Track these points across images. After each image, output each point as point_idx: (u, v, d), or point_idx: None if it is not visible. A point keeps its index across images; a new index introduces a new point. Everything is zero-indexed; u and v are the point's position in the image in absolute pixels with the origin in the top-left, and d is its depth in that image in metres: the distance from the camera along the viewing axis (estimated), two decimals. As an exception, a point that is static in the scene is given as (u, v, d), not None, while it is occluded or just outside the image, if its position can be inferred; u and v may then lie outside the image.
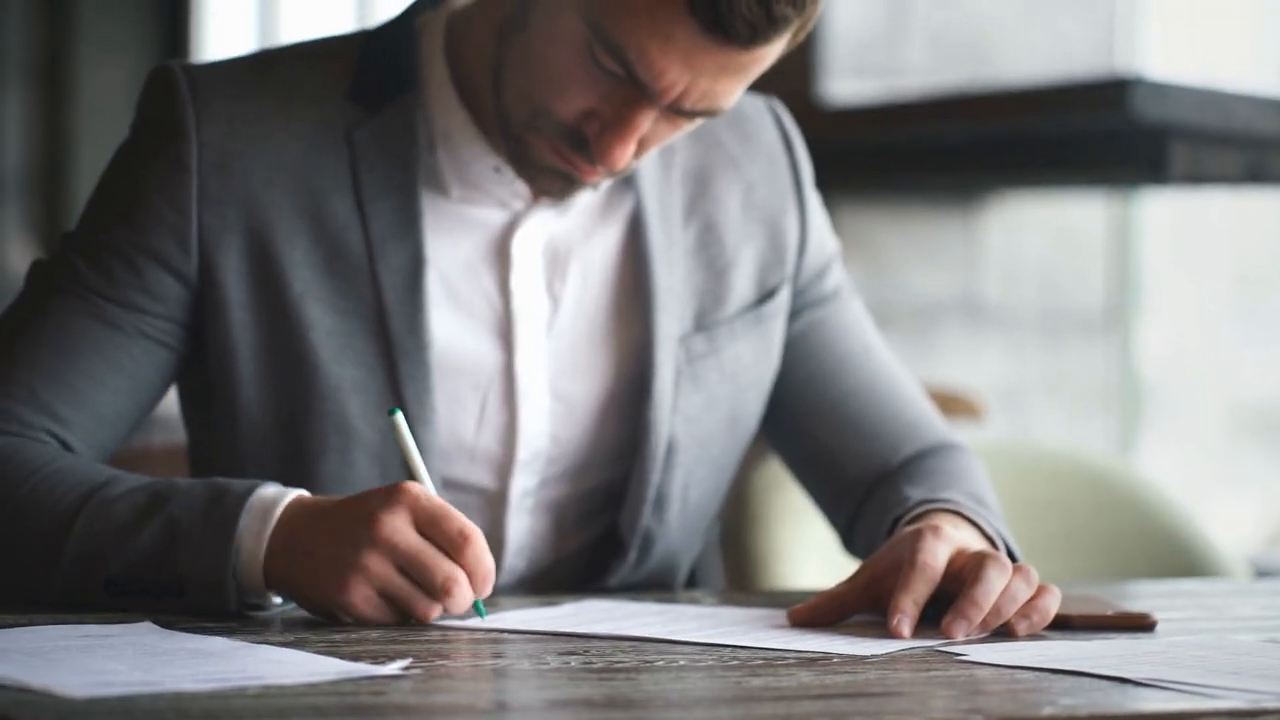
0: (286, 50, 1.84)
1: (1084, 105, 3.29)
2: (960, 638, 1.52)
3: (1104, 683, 1.34)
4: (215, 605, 1.57)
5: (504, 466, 1.80)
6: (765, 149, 1.92)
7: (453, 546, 1.51)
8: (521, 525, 1.82)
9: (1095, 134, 3.43)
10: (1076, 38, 4.11)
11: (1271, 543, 4.62)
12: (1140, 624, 1.62)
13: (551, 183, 1.73)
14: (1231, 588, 2.17)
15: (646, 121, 1.65)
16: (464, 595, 1.52)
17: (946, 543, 1.59)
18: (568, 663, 1.38)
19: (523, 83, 1.68)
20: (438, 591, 1.51)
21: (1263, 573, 3.05)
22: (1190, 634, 1.62)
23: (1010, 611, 1.55)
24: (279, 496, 1.58)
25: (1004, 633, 1.56)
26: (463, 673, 1.33)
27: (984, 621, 1.54)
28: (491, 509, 1.81)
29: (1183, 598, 1.97)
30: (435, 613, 1.53)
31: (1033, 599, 1.57)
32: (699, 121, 1.70)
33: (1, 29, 8.88)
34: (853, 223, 2.00)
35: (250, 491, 1.58)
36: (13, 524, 1.64)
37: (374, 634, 1.49)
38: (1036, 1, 4.09)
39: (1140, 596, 2.03)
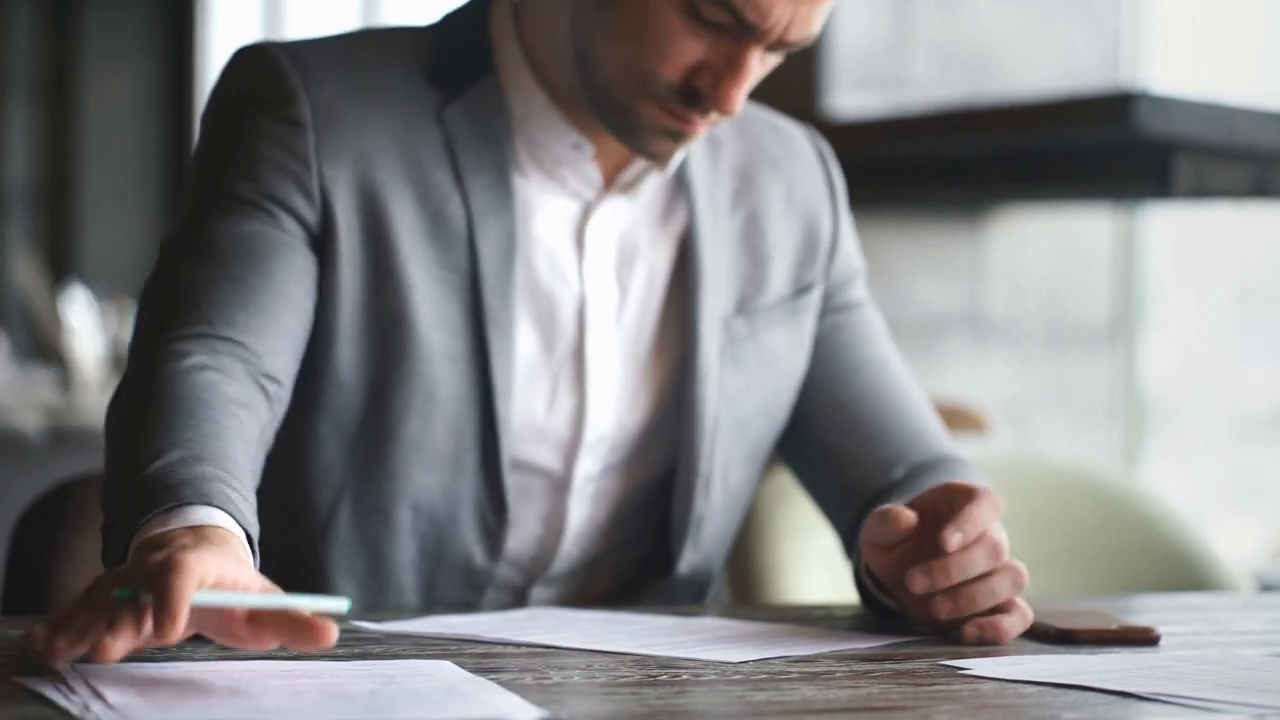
0: (365, 33, 1.87)
1: (1089, 119, 3.29)
2: (919, 590, 1.56)
3: (1108, 697, 1.34)
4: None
5: (570, 449, 1.83)
6: (802, 157, 1.97)
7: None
8: (582, 512, 1.85)
9: (1100, 148, 3.44)
10: (1081, 52, 4.12)
11: (1276, 556, 4.62)
12: (1144, 638, 1.62)
13: (661, 143, 1.76)
14: (1236, 602, 2.17)
15: (755, 61, 1.70)
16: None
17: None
18: (571, 677, 1.38)
19: (622, 56, 1.71)
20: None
21: (1267, 587, 3.05)
22: (1194, 648, 1.61)
23: (984, 604, 1.58)
24: (179, 522, 1.44)
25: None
26: (466, 687, 1.33)
27: (952, 602, 1.57)
28: (555, 493, 1.83)
29: (1187, 612, 1.97)
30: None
31: (1003, 611, 1.59)
32: (786, 54, 1.74)
33: (7, 44, 8.90)
34: (858, 236, 2.01)
35: (185, 502, 1.45)
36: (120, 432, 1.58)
37: (378, 648, 1.49)
38: (1041, 15, 4.09)
39: (1144, 610, 2.02)
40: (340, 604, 1.33)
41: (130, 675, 1.29)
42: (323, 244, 1.75)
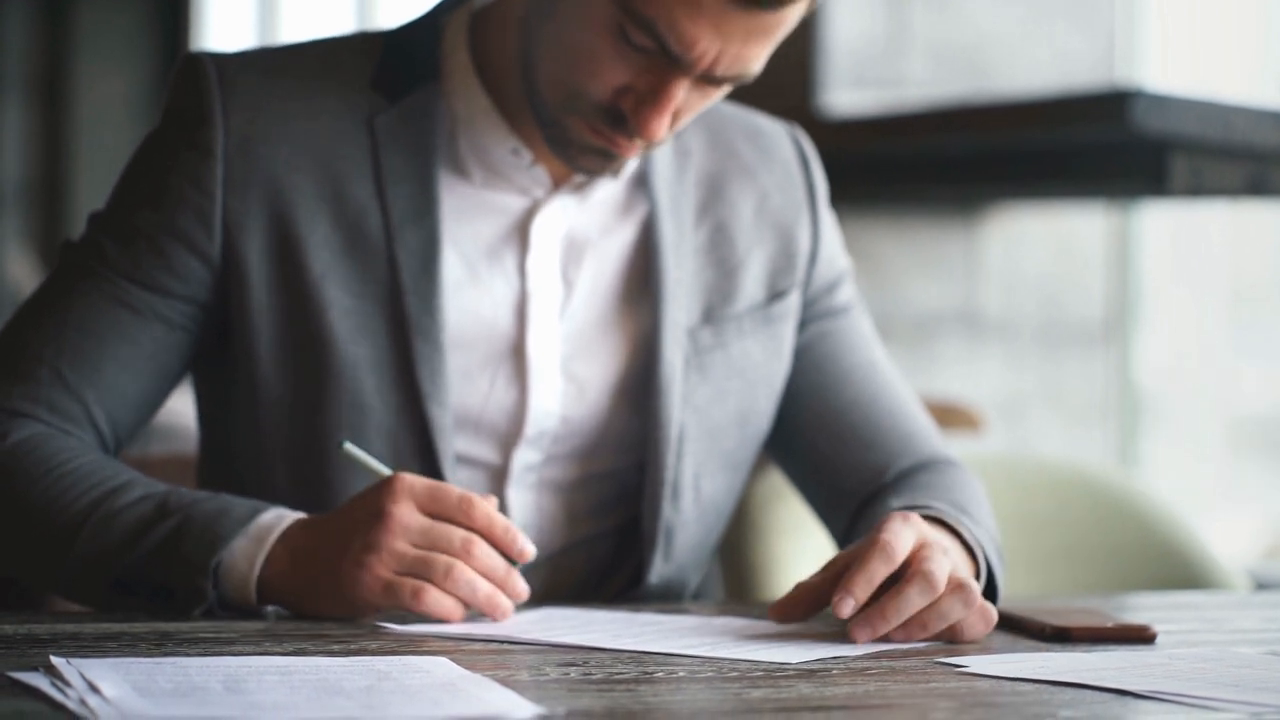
0: (313, 42, 1.88)
1: (1084, 117, 3.28)
2: (861, 641, 1.54)
3: (1105, 695, 1.33)
4: (199, 611, 1.62)
5: (508, 441, 1.83)
6: (781, 163, 1.96)
7: (460, 514, 1.58)
8: (524, 500, 1.85)
9: (1095, 146, 3.43)
10: (1077, 50, 4.12)
11: (1271, 555, 4.62)
12: (1140, 636, 1.62)
13: (591, 161, 1.77)
14: (1231, 600, 2.17)
15: (681, 91, 1.69)
16: (485, 554, 1.58)
17: (913, 527, 1.60)
18: (567, 674, 1.38)
19: (554, 68, 1.72)
20: (459, 552, 1.57)
21: (1262, 585, 3.05)
22: (1190, 646, 1.61)
23: (937, 628, 1.57)
24: (276, 521, 1.63)
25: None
26: (462, 684, 1.33)
27: (905, 631, 1.56)
28: (493, 482, 1.84)
29: (1183, 610, 1.97)
30: (462, 576, 1.57)
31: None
32: (728, 88, 1.73)
33: (1, 41, 8.89)
34: (853, 234, 2.00)
35: (250, 517, 1.63)
36: (27, 516, 1.69)
37: (373, 644, 1.49)
38: (1036, 14, 4.09)
39: (1140, 609, 2.03)
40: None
41: (126, 670, 1.29)
42: (227, 274, 1.78)
